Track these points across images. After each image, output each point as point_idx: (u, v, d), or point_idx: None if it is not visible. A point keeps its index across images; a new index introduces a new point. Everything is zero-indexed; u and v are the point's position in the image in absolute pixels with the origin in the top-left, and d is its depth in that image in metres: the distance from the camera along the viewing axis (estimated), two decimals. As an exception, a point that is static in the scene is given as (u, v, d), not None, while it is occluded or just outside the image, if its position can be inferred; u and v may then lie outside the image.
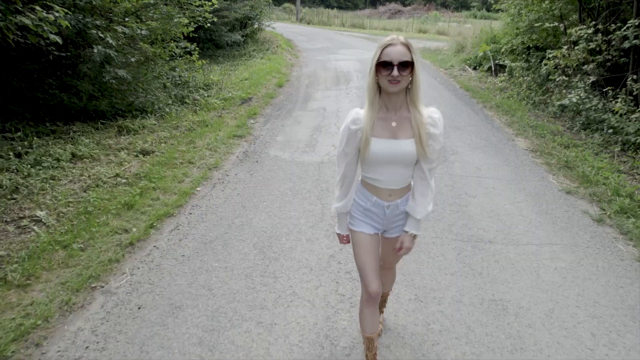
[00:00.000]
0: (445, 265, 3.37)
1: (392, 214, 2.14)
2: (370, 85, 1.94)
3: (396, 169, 2.02)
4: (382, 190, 2.09)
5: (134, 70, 7.29)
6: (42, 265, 3.25)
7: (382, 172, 2.03)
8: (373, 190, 2.11)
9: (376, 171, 2.04)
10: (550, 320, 2.79)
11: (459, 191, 4.71)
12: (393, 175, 2.04)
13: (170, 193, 4.59)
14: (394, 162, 1.99)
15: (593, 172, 5.08)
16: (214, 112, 7.78)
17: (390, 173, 2.03)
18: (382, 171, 2.03)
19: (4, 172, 4.78)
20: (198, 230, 3.89)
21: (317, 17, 37.62)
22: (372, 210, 2.14)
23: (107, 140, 6.10)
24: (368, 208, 2.14)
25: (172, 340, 2.60)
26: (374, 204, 2.12)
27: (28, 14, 4.91)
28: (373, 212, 2.14)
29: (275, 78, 11.08)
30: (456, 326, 2.73)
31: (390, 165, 2.00)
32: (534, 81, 8.90)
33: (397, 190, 2.09)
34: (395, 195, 2.10)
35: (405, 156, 1.96)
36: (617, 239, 3.83)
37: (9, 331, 2.59)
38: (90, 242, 3.61)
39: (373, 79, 1.92)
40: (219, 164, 5.46)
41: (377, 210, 2.13)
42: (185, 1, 8.16)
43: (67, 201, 4.32)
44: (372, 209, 2.13)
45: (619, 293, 3.07)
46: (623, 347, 2.58)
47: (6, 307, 2.82)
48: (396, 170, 2.02)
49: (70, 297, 2.95)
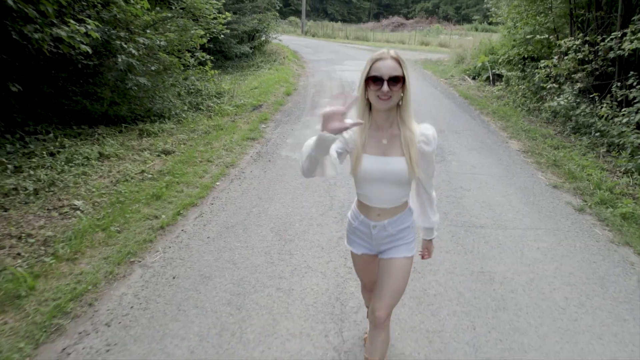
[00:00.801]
0: (440, 245, 3.81)
1: (379, 235, 2.06)
2: (359, 101, 1.89)
3: (387, 188, 1.94)
4: (372, 208, 2.02)
5: (153, 78, 7.80)
6: (85, 243, 3.71)
7: (373, 190, 1.97)
8: (363, 209, 2.06)
9: (367, 189, 1.98)
10: (530, 287, 3.23)
11: (454, 185, 5.16)
12: (383, 195, 1.96)
13: (193, 186, 5.05)
14: (384, 180, 1.92)
15: (578, 170, 5.53)
16: (228, 118, 8.28)
17: (381, 192, 1.95)
18: (373, 189, 1.96)
19: (40, 169, 5.24)
20: (220, 218, 4.35)
21: (322, 30, 38.37)
22: (360, 229, 2.09)
23: (130, 142, 6.59)
24: (356, 227, 2.11)
25: (204, 302, 3.05)
26: (361, 222, 2.07)
27: (62, 27, 5.43)
28: (360, 231, 2.10)
29: (283, 87, 11.60)
30: (449, 291, 3.17)
31: (381, 183, 1.93)
32: (528, 89, 9.40)
33: (387, 210, 2.01)
34: (384, 216, 2.02)
35: (395, 175, 1.89)
36: (595, 225, 4.27)
37: (66, 293, 3.05)
38: (125, 226, 4.07)
39: (362, 95, 1.89)
40: (235, 162, 5.93)
41: (364, 229, 2.08)
42: (200, 14, 8.70)
43: (100, 193, 4.79)
44: (359, 227, 2.09)
45: (591, 267, 3.51)
46: (590, 307, 3.01)
47: (60, 275, 3.28)
48: (387, 189, 1.94)
49: (113, 269, 3.40)
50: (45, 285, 3.14)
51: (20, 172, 5.07)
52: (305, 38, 33.46)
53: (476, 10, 53.55)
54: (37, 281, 3.14)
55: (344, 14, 61.14)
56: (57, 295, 3.02)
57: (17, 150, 5.65)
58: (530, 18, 10.03)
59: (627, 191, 4.93)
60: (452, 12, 61.38)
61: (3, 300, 2.89)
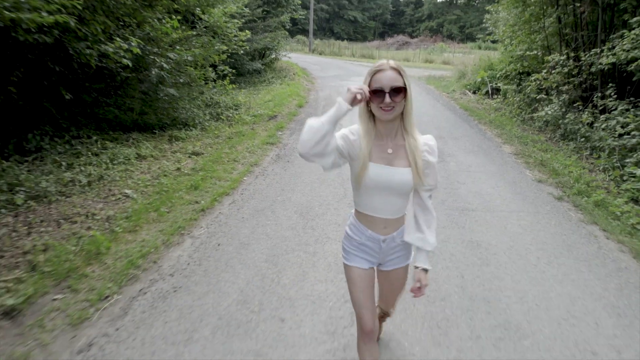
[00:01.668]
0: (438, 222, 4.54)
1: (387, 247, 2.03)
2: (362, 113, 1.89)
3: (392, 198, 1.92)
4: (377, 220, 1.98)
5: (180, 90, 8.65)
6: (142, 220, 4.48)
7: (378, 201, 1.94)
8: (367, 223, 2.01)
9: (371, 198, 1.94)
10: (510, 251, 3.96)
11: (452, 180, 5.91)
12: (388, 204, 1.94)
13: (224, 180, 5.83)
14: (389, 189, 1.89)
15: (562, 168, 6.28)
16: (247, 126, 9.09)
17: (386, 202, 1.93)
18: (378, 200, 1.93)
19: (88, 166, 6.03)
20: (250, 204, 5.11)
21: (329, 48, 39.47)
22: (367, 244, 2.03)
23: (162, 145, 7.39)
24: (363, 242, 2.04)
25: (246, 260, 3.79)
26: (368, 237, 2.01)
27: (109, 44, 6.25)
28: (368, 247, 2.04)
29: (295, 100, 12.44)
30: (443, 253, 3.90)
31: (386, 193, 1.91)
32: (523, 101, 10.19)
33: (392, 221, 1.99)
34: (391, 228, 2.00)
35: (401, 185, 1.87)
36: (570, 209, 5.02)
37: (134, 253, 3.80)
38: (172, 208, 4.84)
39: (364, 107, 1.88)
40: (258, 162, 6.71)
41: (372, 245, 2.03)
42: (221, 32, 9.57)
43: (145, 184, 5.57)
44: (367, 242, 2.03)
45: (562, 238, 4.24)
46: (556, 264, 3.75)
47: (127, 241, 4.04)
48: (391, 200, 1.92)
49: (168, 238, 4.16)
50: (116, 247, 3.90)
51: (72, 168, 5.84)
52: (312, 56, 34.54)
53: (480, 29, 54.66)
54: (111, 244, 3.90)
55: (349, 32, 62.53)
56: (128, 254, 3.78)
57: (66, 151, 6.44)
58: (525, 36, 10.87)
59: (601, 185, 5.66)
60: (456, 31, 62.65)
61: (89, 256, 3.66)
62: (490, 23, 14.02)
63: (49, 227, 4.19)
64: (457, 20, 63.66)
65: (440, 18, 65.12)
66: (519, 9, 11.05)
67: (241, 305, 3.12)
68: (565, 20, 8.82)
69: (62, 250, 3.65)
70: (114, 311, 3.05)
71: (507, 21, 11.94)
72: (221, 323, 2.92)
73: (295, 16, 22.05)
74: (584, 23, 8.04)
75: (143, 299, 3.20)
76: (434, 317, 3.01)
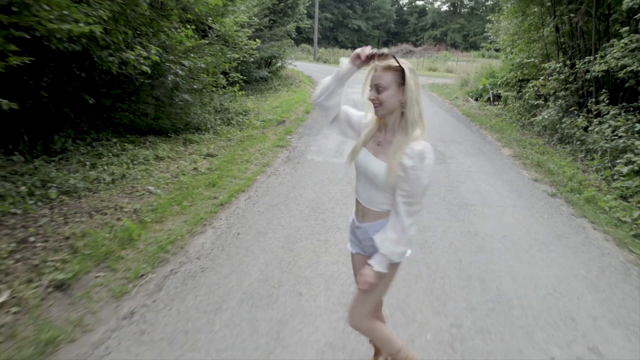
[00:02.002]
0: (438, 216, 4.94)
1: (362, 237, 2.13)
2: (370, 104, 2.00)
3: (368, 187, 2.02)
4: (359, 206, 2.12)
5: (192, 95, 9.08)
6: (167, 213, 4.87)
7: (360, 185, 2.09)
8: (355, 207, 2.18)
9: (358, 182, 2.11)
10: (504, 240, 4.34)
11: (452, 179, 6.30)
12: (365, 191, 2.05)
13: (239, 179, 6.23)
14: (366, 177, 2.01)
15: (557, 168, 6.66)
16: (257, 130, 9.50)
17: (365, 188, 2.05)
18: (360, 184, 2.09)
19: (110, 166, 6.43)
20: (265, 199, 5.50)
21: (333, 57, 39.98)
22: (352, 227, 2.23)
23: (178, 147, 7.81)
24: (350, 224, 2.26)
25: (264, 246, 4.18)
26: (352, 221, 2.21)
27: (129, 52, 6.67)
28: (351, 230, 2.25)
29: (302, 106, 12.87)
30: (443, 241, 4.29)
31: (365, 180, 2.03)
32: (522, 107, 10.59)
33: (369, 212, 2.05)
34: (367, 217, 2.07)
35: (373, 175, 1.94)
36: (563, 205, 5.39)
37: (163, 239, 4.19)
38: (193, 203, 5.24)
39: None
40: (270, 163, 7.11)
41: (353, 229, 2.22)
42: (232, 41, 10.02)
43: (166, 182, 5.97)
44: (351, 226, 2.23)
45: (553, 229, 4.62)
46: (546, 251, 4.12)
47: (155, 231, 4.43)
48: (368, 188, 2.02)
49: (191, 227, 4.55)
50: (146, 235, 4.30)
51: (96, 168, 6.24)
52: (317, 64, 35.07)
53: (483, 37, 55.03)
54: (142, 232, 4.30)
55: (353, 41, 63.10)
56: (157, 241, 4.17)
57: (88, 152, 6.84)
58: (525, 45, 11.29)
59: (593, 184, 6.03)
60: (460, 40, 63.12)
61: (123, 242, 4.06)
62: (492, 32, 14.45)
63: (83, 218, 4.59)
64: (460, 29, 64.17)
65: (444, 27, 65.66)
66: (519, 19, 11.49)
67: (262, 283, 3.50)
68: (562, 29, 9.23)
69: (98, 237, 4.05)
70: (149, 287, 3.44)
71: (508, 30, 12.38)
72: (245, 297, 3.31)
73: (301, 25, 22.53)
74: (579, 32, 8.44)
75: (174, 277, 3.59)
76: (434, 292, 3.39)
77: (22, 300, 3.11)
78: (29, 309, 3.03)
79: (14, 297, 3.12)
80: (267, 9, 17.88)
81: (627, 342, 2.87)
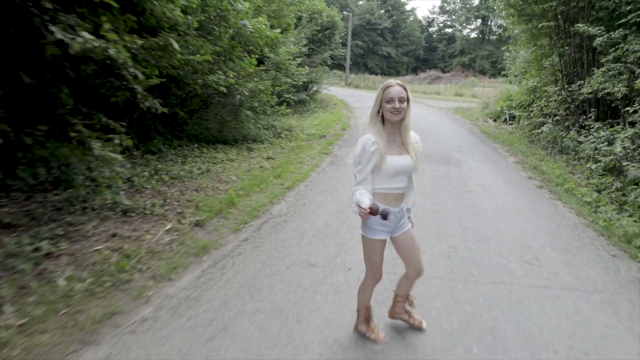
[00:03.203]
0: (450, 198, 6.66)
1: (400, 217, 2.73)
2: (372, 116, 2.64)
3: (402, 178, 2.64)
4: (392, 197, 2.65)
5: (254, 112, 11.08)
6: (250, 192, 6.73)
7: (395, 181, 2.62)
8: (386, 200, 2.63)
9: (391, 181, 2.60)
10: (496, 211, 6.04)
11: (463, 177, 8.01)
12: (401, 182, 2.65)
13: (296, 173, 8.07)
14: (403, 172, 2.62)
15: (549, 170, 8.30)
16: (304, 142, 11.41)
17: (400, 180, 2.64)
18: (395, 180, 2.62)
19: (197, 163, 8.38)
20: (319, 186, 7.31)
21: (364, 82, 42.12)
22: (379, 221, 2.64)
23: (243, 153, 9.75)
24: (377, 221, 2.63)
25: (324, 210, 5.96)
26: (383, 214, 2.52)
27: (212, 75, 8.63)
28: (380, 223, 2.65)
29: (339, 124, 14.77)
30: (451, 211, 6.01)
31: (400, 174, 2.62)
32: (530, 124, 12.23)
33: (402, 195, 2.70)
34: (400, 200, 2.70)
35: (409, 167, 2.63)
36: (546, 192, 7.06)
37: (253, 205, 6.03)
38: (267, 187, 7.09)
39: (376, 111, 2.63)
40: (318, 164, 8.96)
41: (391, 217, 2.64)
42: (285, 68, 12.06)
43: (242, 174, 7.87)
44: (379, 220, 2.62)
45: (534, 206, 6.30)
46: (525, 217, 5.81)
47: (246, 201, 6.28)
48: (402, 178, 2.64)
49: (270, 199, 6.39)
50: (241, 202, 6.16)
51: (186, 164, 8.17)
52: (348, 89, 37.22)
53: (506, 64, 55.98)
54: (239, 199, 6.17)
55: (383, 67, 65.05)
56: (250, 206, 6.02)
57: (176, 153, 8.81)
58: (536, 71, 12.99)
59: (575, 181, 7.65)
60: (488, 66, 64.12)
61: (228, 204, 5.92)
62: (509, 60, 16.18)
63: (193, 192, 6.50)
64: (489, 55, 65.25)
65: (473, 53, 66.78)
66: (530, 49, 13.22)
67: (326, 227, 5.30)
68: (563, 59, 10.92)
69: (211, 201, 5.94)
70: (252, 228, 5.27)
71: (524, 58, 14.10)
72: (317, 233, 5.11)
73: (336, 53, 24.63)
74: (573, 62, 10.12)
75: (267, 224, 5.42)
76: (439, 234, 5.12)
77: (178, 229, 4.99)
78: (184, 233, 4.89)
79: (173, 227, 5.01)
80: (307, 39, 20.04)
81: (559, 256, 4.56)
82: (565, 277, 4.08)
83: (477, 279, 4.03)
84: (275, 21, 12.15)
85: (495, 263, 4.37)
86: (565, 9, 9.65)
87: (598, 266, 4.35)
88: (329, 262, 4.35)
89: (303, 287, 3.82)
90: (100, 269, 3.90)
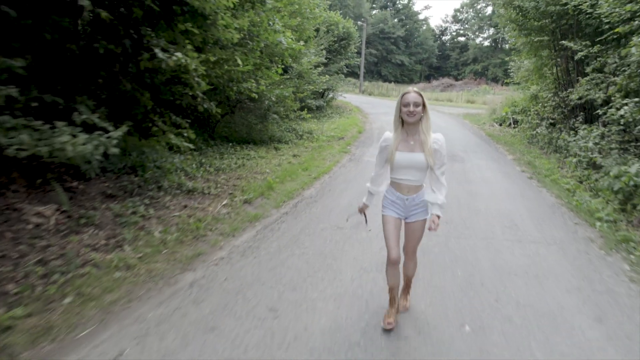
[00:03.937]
0: (451, 186, 7.86)
1: (410, 204, 3.15)
2: (395, 119, 3.08)
3: (412, 172, 3.07)
4: (403, 186, 3.13)
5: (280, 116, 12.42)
6: (284, 180, 8.03)
7: (404, 174, 3.09)
8: (397, 188, 3.17)
9: (400, 173, 3.10)
10: (489, 194, 7.28)
11: (466, 171, 9.24)
12: (410, 175, 3.08)
13: (320, 167, 9.36)
14: (411, 167, 3.05)
15: (540, 165, 9.49)
16: (324, 142, 12.72)
17: (409, 174, 3.08)
18: (403, 172, 3.09)
19: (232, 158, 9.72)
20: (341, 178, 8.59)
21: (377, 90, 43.35)
22: (396, 202, 3.18)
23: (271, 151, 11.08)
24: (394, 200, 3.19)
25: (347, 195, 7.23)
26: (397, 197, 3.17)
27: (245, 84, 9.97)
28: (397, 203, 3.18)
29: (355, 128, 16.06)
30: (452, 195, 7.22)
31: (408, 169, 3.06)
32: (531, 128, 13.42)
33: (413, 187, 3.12)
34: (411, 191, 3.13)
35: (417, 163, 3.01)
36: (534, 182, 8.27)
37: (288, 190, 7.33)
38: (297, 177, 8.39)
39: (398, 115, 3.06)
40: (339, 161, 10.25)
41: (399, 202, 3.17)
42: (307, 76, 13.39)
43: (274, 168, 9.19)
44: (396, 201, 3.18)
45: (522, 191, 7.53)
46: (513, 199, 7.04)
47: (280, 187, 7.58)
48: (412, 173, 3.07)
49: (301, 186, 7.68)
50: (278, 188, 7.46)
51: (224, 160, 9.51)
52: (363, 96, 38.52)
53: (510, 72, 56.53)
54: (276, 184, 7.47)
55: (396, 75, 65.98)
56: (285, 190, 7.32)
57: (214, 151, 10.15)
58: (537, 80, 14.18)
59: (562, 174, 8.84)
60: (500, 74, 64.51)
61: (268, 188, 7.22)
62: (514, 69, 17.37)
63: (236, 180, 7.82)
64: (501, 63, 65.37)
65: (485, 62, 67.15)
66: (532, 60, 14.42)
67: (349, 206, 6.57)
68: (558, 68, 12.12)
69: (253, 185, 7.25)
70: (289, 206, 6.57)
71: (527, 67, 15.30)
72: (342, 209, 6.38)
73: (351, 62, 25.97)
74: (566, 71, 11.32)
75: (301, 203, 6.72)
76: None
77: (232, 205, 6.31)
78: (237, 207, 6.21)
79: (227, 203, 6.33)
80: (325, 49, 21.42)
81: (533, 223, 5.80)
82: (534, 235, 5.35)
83: (466, 236, 5.30)
84: (297, 34, 13.54)
85: (482, 227, 5.62)
86: (558, 25, 10.87)
87: (561, 229, 5.59)
88: (354, 227, 5.62)
89: (335, 241, 5.12)
90: (182, 227, 5.23)
